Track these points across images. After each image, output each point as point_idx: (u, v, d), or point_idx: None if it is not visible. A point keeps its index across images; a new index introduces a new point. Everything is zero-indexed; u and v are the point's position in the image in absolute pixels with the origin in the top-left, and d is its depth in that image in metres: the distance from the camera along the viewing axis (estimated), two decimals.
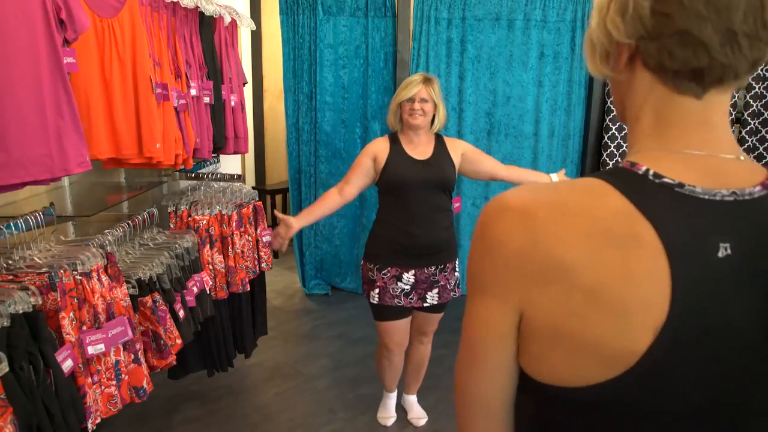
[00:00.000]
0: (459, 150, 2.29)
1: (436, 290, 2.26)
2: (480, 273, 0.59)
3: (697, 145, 0.56)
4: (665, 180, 0.54)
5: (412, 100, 2.16)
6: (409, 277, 2.21)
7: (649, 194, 0.54)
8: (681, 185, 0.54)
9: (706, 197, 0.54)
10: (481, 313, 0.60)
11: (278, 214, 2.21)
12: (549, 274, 0.54)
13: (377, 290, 2.23)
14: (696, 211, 0.53)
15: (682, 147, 0.56)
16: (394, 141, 2.26)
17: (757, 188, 0.55)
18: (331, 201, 2.27)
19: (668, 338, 0.51)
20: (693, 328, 0.52)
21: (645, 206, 0.53)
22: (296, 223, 2.19)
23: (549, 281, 0.54)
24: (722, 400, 0.55)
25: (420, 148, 2.23)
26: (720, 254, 0.52)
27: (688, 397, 0.54)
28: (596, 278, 0.52)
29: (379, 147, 2.24)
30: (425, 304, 2.27)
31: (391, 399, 2.64)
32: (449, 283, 2.30)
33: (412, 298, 2.25)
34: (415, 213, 2.18)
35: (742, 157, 0.57)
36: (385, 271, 2.21)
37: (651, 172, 0.55)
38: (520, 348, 0.60)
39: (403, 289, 2.23)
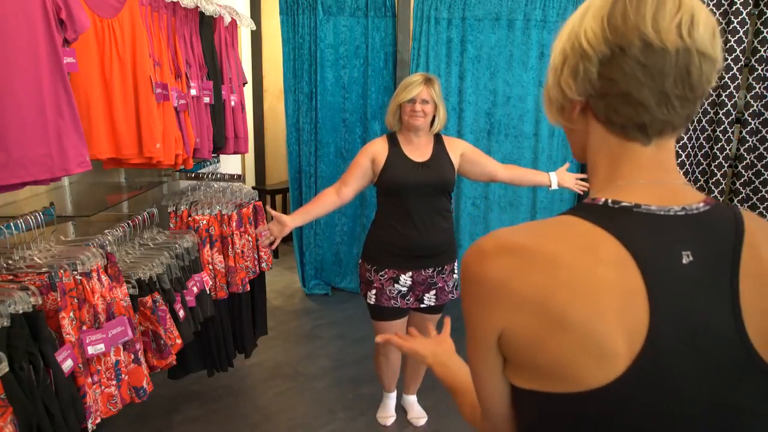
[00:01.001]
0: (458, 150, 2.27)
1: (433, 292, 2.25)
2: (466, 315, 0.65)
3: (648, 176, 0.64)
4: (623, 204, 0.62)
5: (413, 101, 2.13)
6: (406, 279, 2.20)
7: (611, 217, 0.61)
8: (638, 206, 0.61)
9: (662, 213, 0.61)
10: (474, 351, 0.67)
11: (271, 211, 2.18)
12: (526, 298, 0.58)
13: (374, 291, 2.23)
14: (655, 226, 0.60)
15: (634, 179, 0.64)
16: (393, 142, 2.23)
17: (701, 204, 0.63)
18: (328, 202, 2.24)
19: (652, 346, 0.56)
20: (674, 333, 0.57)
21: (609, 226, 0.60)
22: (291, 222, 2.14)
23: (526, 304, 0.58)
24: (714, 401, 0.59)
25: (419, 150, 2.21)
26: (684, 261, 0.59)
27: (678, 402, 0.58)
28: (570, 295, 0.57)
29: (378, 148, 2.22)
30: (422, 305, 2.26)
31: (391, 399, 2.63)
32: (447, 285, 2.29)
33: (408, 300, 2.24)
34: (414, 215, 2.16)
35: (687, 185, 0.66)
36: (383, 272, 2.21)
37: (609, 201, 0.63)
38: (505, 361, 0.65)
39: (400, 291, 2.22)
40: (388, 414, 2.61)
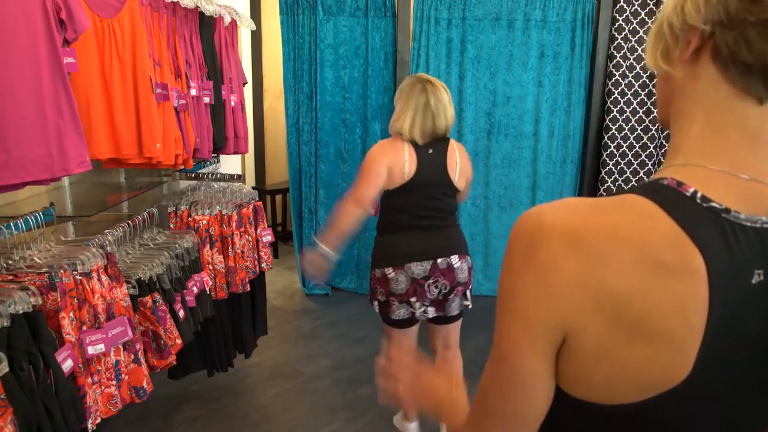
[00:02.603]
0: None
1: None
2: (520, 296, 0.57)
3: (743, 165, 0.55)
4: (713, 204, 0.53)
5: None
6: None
7: (696, 219, 0.53)
8: (727, 211, 0.53)
9: (749, 224, 0.53)
10: (519, 337, 0.58)
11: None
12: (598, 302, 0.53)
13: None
14: (738, 239, 0.53)
15: (729, 164, 0.55)
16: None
17: None
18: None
19: (703, 362, 0.53)
20: (726, 351, 0.54)
21: (694, 232, 0.52)
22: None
23: (597, 309, 0.53)
24: (741, 419, 0.58)
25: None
26: (753, 281, 0.53)
27: (716, 415, 0.57)
28: (645, 307, 0.52)
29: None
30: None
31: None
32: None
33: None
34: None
35: None
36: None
37: (699, 194, 0.54)
38: (557, 367, 0.58)
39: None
40: None
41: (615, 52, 3.69)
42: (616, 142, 3.80)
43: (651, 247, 0.52)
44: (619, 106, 3.75)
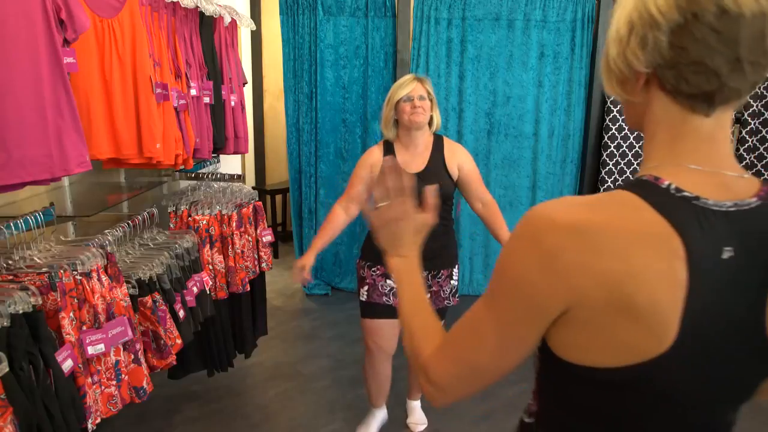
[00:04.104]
0: (457, 160, 2.17)
1: (428, 296, 2.19)
2: (526, 279, 0.65)
3: (705, 161, 0.65)
4: (685, 194, 0.63)
5: (410, 98, 2.07)
6: None
7: (673, 207, 0.62)
8: (697, 198, 0.63)
9: (716, 208, 0.63)
10: (523, 313, 0.67)
11: (299, 264, 2.07)
12: (595, 283, 0.61)
13: (366, 287, 2.19)
14: (709, 221, 0.62)
15: (693, 162, 0.65)
16: (389, 151, 2.16)
17: (754, 199, 0.65)
18: (339, 222, 2.18)
19: (685, 331, 0.61)
20: (704, 320, 0.62)
21: (672, 219, 0.61)
22: (312, 257, 2.08)
23: (595, 288, 0.61)
24: (721, 382, 0.67)
25: (415, 159, 2.13)
26: (724, 256, 0.62)
27: (699, 378, 0.65)
28: (635, 284, 0.60)
29: (375, 158, 2.14)
30: None
31: (376, 418, 2.46)
32: (443, 291, 2.23)
33: None
34: None
35: (745, 175, 0.68)
36: (375, 268, 2.18)
37: (673, 186, 0.63)
38: (551, 333, 0.68)
39: (392, 288, 2.14)
40: None
41: None
42: (616, 142, 3.80)
43: (639, 234, 0.61)
44: (619, 106, 3.75)
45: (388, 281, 2.17)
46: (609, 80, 0.71)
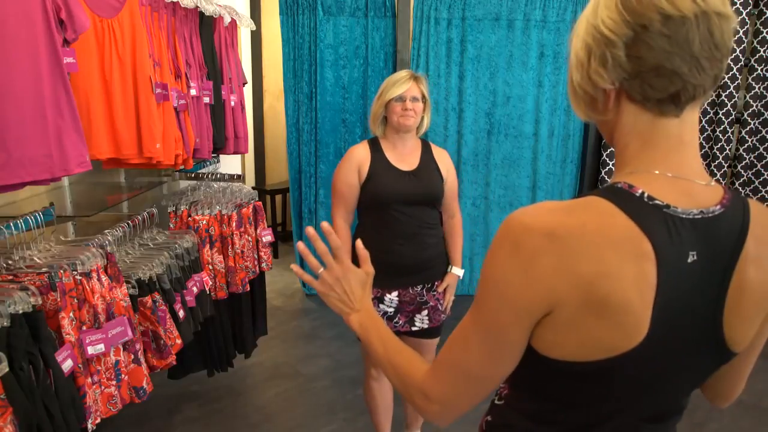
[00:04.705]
0: (445, 165, 2.08)
1: (425, 312, 2.05)
2: (509, 284, 0.68)
3: (676, 168, 0.70)
4: (656, 202, 0.67)
5: (402, 99, 1.94)
6: (392, 298, 2.00)
7: (645, 214, 0.66)
8: (668, 206, 0.67)
9: (684, 216, 0.67)
10: (507, 317, 0.69)
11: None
12: (572, 285, 0.65)
13: None
14: (677, 228, 0.67)
15: (665, 169, 0.69)
16: (376, 148, 2.02)
17: (717, 207, 0.70)
18: (349, 236, 2.03)
19: (655, 327, 0.66)
20: (671, 317, 0.67)
21: (644, 225, 0.65)
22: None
23: (572, 290, 0.65)
24: (686, 374, 0.74)
25: (405, 157, 2.02)
26: (689, 260, 0.67)
27: (667, 371, 0.71)
28: (609, 286, 0.64)
29: (360, 156, 2.01)
30: (414, 328, 2.06)
31: None
32: (440, 304, 2.09)
33: (398, 322, 2.03)
34: (398, 230, 1.97)
35: (712, 183, 0.72)
36: None
37: (645, 194, 0.67)
38: (534, 333, 0.70)
39: (386, 312, 2.01)
40: None
41: None
42: None
43: (612, 239, 0.65)
44: None
45: (381, 306, 2.02)
46: (578, 105, 0.75)
